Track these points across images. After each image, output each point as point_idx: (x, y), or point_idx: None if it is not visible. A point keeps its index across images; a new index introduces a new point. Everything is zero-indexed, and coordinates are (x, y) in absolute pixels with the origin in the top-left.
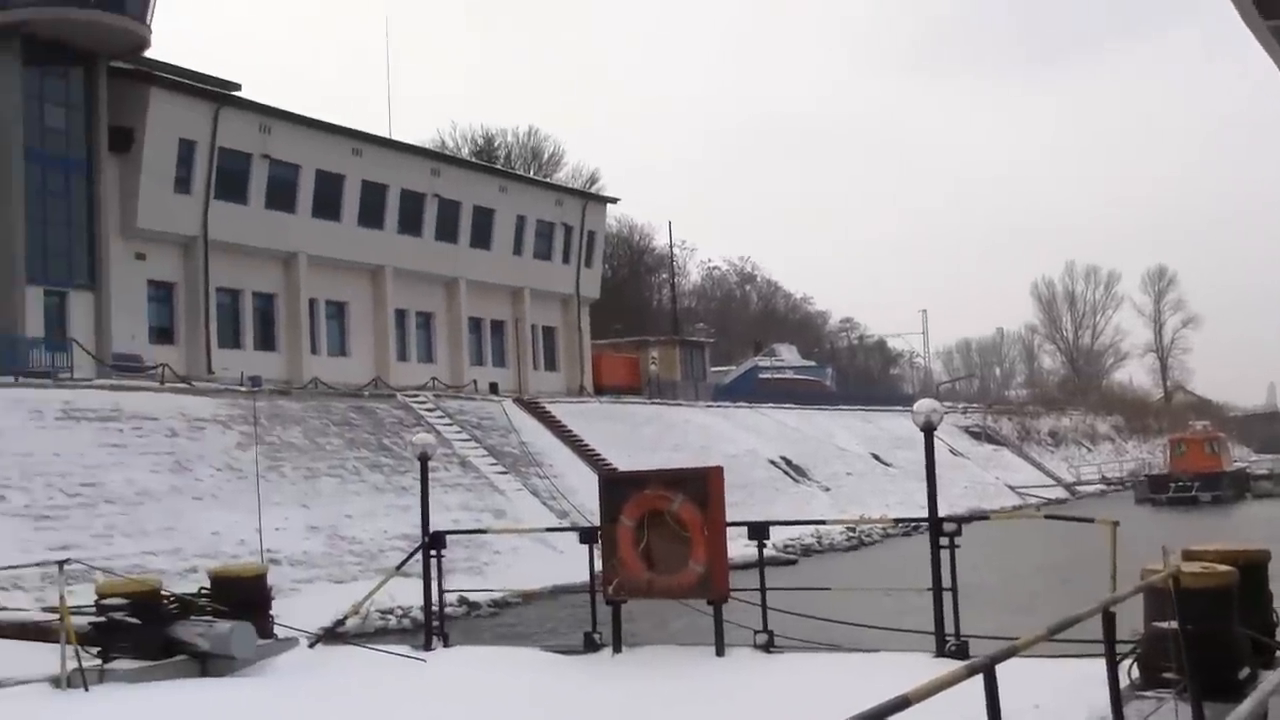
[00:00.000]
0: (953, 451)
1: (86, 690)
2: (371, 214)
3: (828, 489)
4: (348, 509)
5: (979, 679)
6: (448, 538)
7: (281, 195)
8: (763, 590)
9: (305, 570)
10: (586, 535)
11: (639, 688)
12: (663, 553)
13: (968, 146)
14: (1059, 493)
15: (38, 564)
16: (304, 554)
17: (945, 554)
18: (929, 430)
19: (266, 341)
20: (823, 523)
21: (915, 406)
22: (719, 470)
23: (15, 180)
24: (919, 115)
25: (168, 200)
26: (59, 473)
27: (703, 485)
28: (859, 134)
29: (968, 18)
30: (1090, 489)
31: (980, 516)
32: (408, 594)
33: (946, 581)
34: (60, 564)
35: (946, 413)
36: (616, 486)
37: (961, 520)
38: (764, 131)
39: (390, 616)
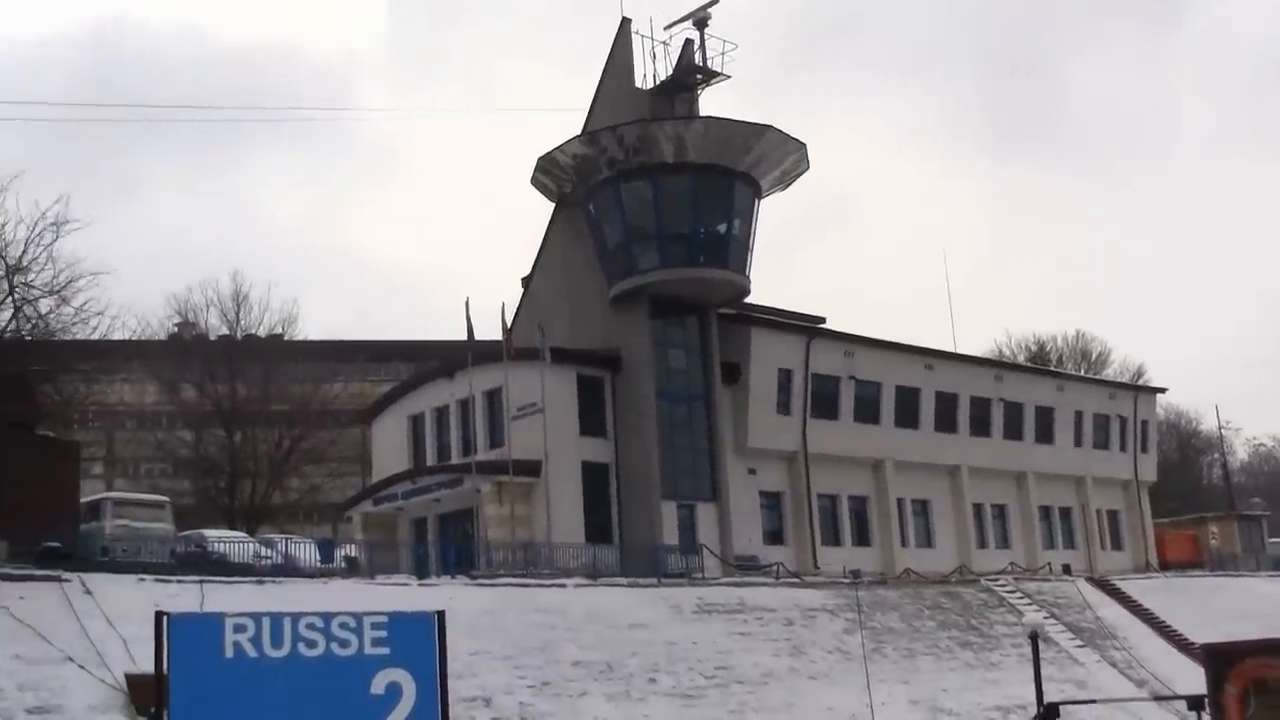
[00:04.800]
0: None
1: None
2: (945, 420)
3: None
4: (943, 684)
5: None
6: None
7: (867, 410)
8: None
9: None
10: (1194, 703)
11: None
12: (1268, 717)
13: None
14: None
15: None
16: None
17: None
18: None
19: (862, 538)
20: None
21: None
22: None
23: (649, 415)
24: None
25: (772, 422)
26: (697, 658)
27: None
28: None
29: None
30: None
31: None
32: None
33: None
34: None
35: None
36: (1219, 658)
37: None
38: None
39: None
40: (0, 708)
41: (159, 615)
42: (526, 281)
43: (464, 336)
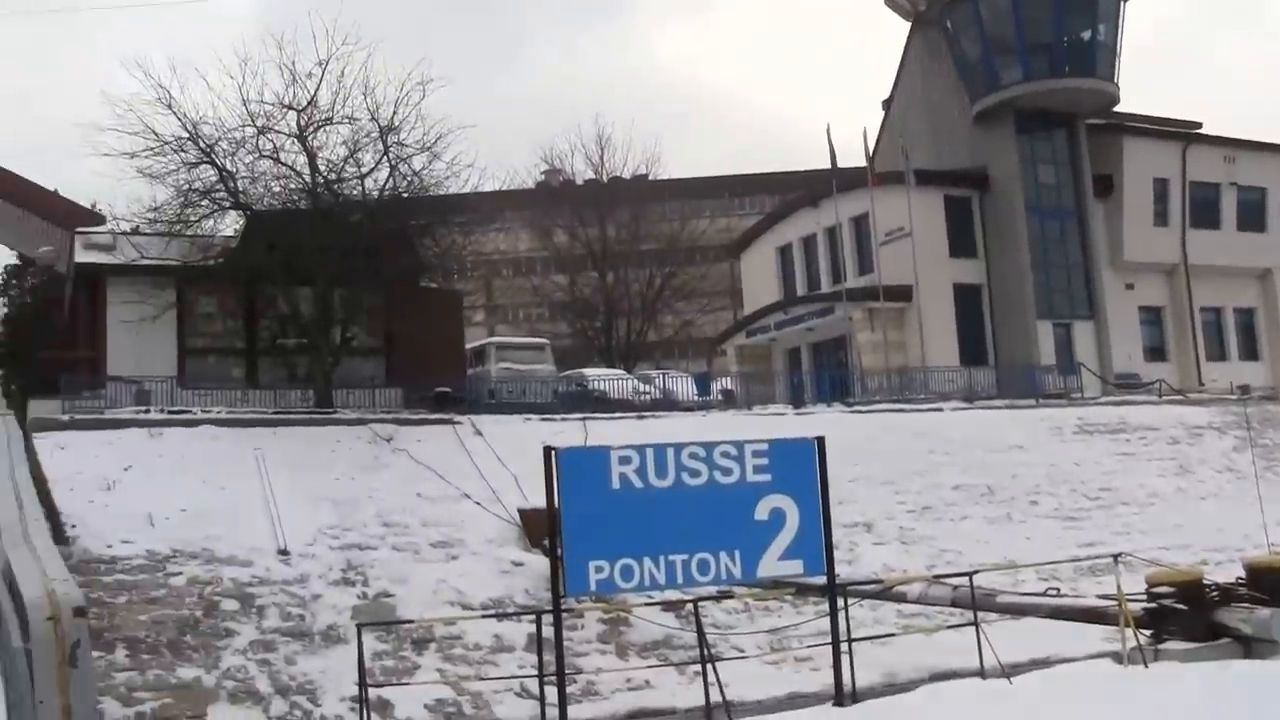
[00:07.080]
0: None
1: (1145, 667)
2: None
3: None
4: None
5: None
6: None
7: (1251, 217)
8: None
9: None
10: None
11: None
12: None
13: None
14: None
15: (1091, 558)
16: None
17: None
18: None
19: (1250, 352)
20: None
21: None
22: None
23: (1020, 232)
24: None
25: (1148, 234)
26: (1079, 479)
27: None
28: None
29: None
30: None
31: None
32: None
33: None
34: (1115, 557)
35: None
36: None
37: None
38: None
39: None
40: (407, 542)
41: (548, 450)
42: (887, 105)
43: (827, 165)
